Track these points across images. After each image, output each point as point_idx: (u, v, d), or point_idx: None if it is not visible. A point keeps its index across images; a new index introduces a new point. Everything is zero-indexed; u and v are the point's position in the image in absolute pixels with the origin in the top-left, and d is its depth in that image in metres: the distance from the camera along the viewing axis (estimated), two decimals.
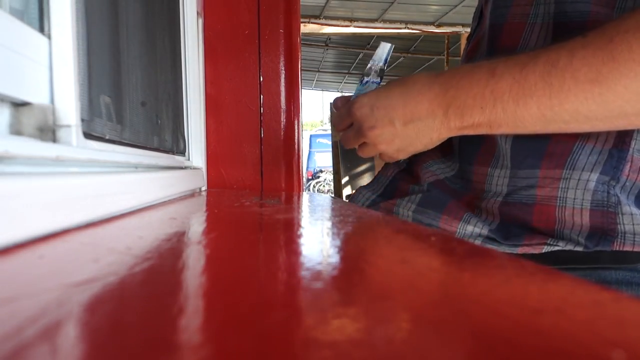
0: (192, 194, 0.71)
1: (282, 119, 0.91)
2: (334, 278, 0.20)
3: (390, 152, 0.54)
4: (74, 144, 0.35)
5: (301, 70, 0.99)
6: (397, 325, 0.14)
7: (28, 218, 0.25)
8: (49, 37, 0.35)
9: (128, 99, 0.53)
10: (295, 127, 0.92)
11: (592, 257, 0.48)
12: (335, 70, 8.37)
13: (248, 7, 0.88)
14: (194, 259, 0.24)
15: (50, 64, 0.35)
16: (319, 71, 8.34)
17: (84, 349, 0.12)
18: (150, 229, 0.34)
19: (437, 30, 5.40)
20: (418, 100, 0.49)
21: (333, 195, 3.81)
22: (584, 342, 0.13)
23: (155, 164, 0.56)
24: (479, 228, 0.53)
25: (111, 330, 0.13)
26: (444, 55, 6.09)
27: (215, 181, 0.90)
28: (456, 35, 5.68)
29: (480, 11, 0.61)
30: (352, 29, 5.37)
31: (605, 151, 0.47)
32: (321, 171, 9.36)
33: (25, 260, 0.22)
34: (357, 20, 5.30)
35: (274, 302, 0.16)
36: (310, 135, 10.81)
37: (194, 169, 0.80)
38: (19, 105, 0.33)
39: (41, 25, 0.35)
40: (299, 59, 0.93)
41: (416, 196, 0.59)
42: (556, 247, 0.48)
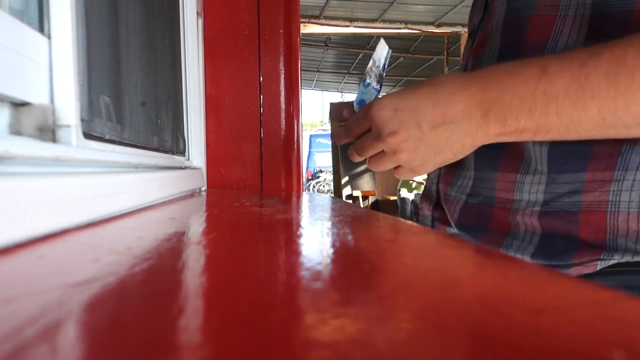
0: (192, 194, 0.71)
1: (282, 119, 0.91)
2: (334, 278, 0.20)
3: (412, 164, 0.47)
4: (74, 144, 0.35)
5: (301, 70, 0.99)
6: (397, 326, 0.14)
7: (28, 218, 0.25)
8: (49, 37, 0.35)
9: (128, 99, 0.53)
10: (295, 127, 0.92)
11: None
12: (335, 70, 8.37)
13: (248, 7, 0.88)
14: (194, 259, 0.24)
15: (50, 64, 0.35)
16: (318, 71, 8.34)
17: (84, 349, 0.12)
18: (150, 229, 0.34)
19: (437, 30, 5.40)
20: (451, 101, 0.43)
21: (333, 196, 3.81)
22: (584, 342, 0.13)
23: (155, 164, 0.56)
24: (520, 254, 0.48)
25: (111, 330, 0.13)
26: (443, 55, 6.09)
27: (215, 181, 0.90)
28: (456, 36, 5.68)
29: (484, 1, 0.55)
30: (352, 29, 5.37)
31: None
32: (321, 171, 9.37)
33: (25, 260, 0.22)
34: (357, 21, 5.30)
35: (273, 302, 0.16)
36: (310, 135, 10.82)
37: (194, 169, 0.80)
38: (18, 105, 0.33)
39: (41, 25, 0.35)
40: (299, 59, 0.93)
41: None
42: (612, 261, 0.42)
